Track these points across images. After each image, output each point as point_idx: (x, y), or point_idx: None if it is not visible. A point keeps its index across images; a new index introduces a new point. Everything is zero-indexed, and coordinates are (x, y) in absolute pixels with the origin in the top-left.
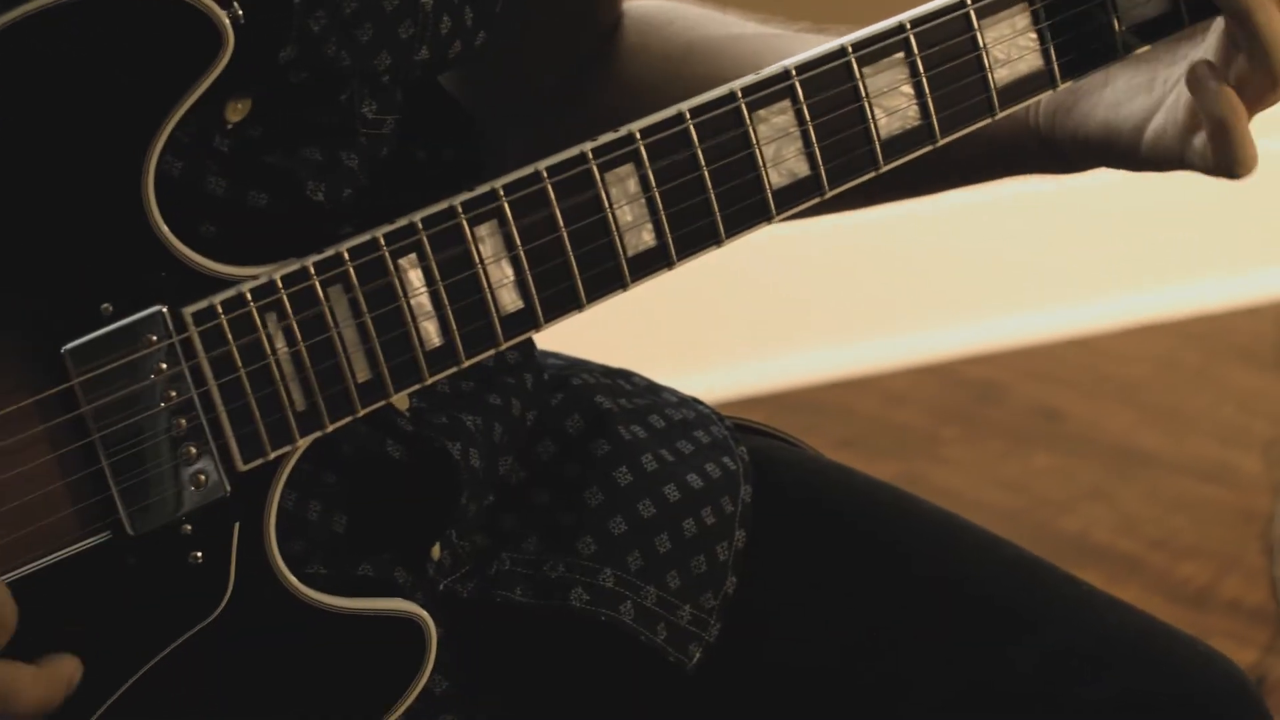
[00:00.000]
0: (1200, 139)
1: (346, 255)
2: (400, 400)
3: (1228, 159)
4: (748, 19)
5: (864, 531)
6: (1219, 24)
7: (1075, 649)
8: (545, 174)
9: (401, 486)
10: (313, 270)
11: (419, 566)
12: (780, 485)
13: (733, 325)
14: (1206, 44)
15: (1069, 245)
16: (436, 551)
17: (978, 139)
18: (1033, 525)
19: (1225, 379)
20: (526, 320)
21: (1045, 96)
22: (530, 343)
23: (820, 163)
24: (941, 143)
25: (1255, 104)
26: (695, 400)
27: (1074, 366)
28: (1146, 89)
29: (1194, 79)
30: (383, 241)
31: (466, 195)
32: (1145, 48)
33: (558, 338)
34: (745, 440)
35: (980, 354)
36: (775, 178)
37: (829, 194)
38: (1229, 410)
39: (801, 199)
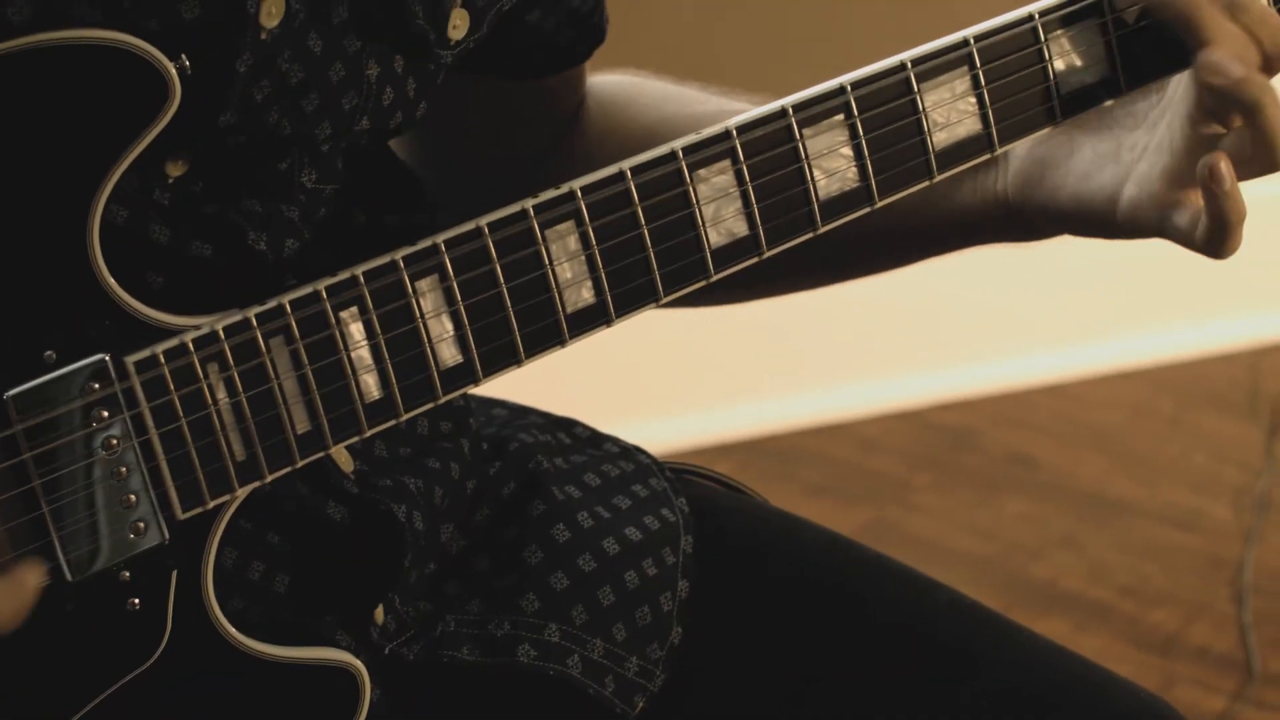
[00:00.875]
0: (1183, 216)
1: (288, 307)
2: (345, 462)
3: (1221, 248)
4: (709, 93)
5: (807, 578)
6: (1181, 85)
7: (1020, 691)
8: (487, 230)
9: (344, 549)
10: (254, 321)
11: (362, 630)
12: (723, 533)
13: (709, 371)
14: (1175, 109)
15: (1044, 292)
16: (380, 615)
17: (944, 209)
18: (1003, 572)
19: (1198, 426)
20: (465, 375)
21: (1012, 168)
22: (465, 411)
23: (759, 223)
24: (880, 204)
25: (1244, 176)
26: (638, 450)
27: (1048, 413)
28: (1114, 158)
29: (1214, 176)
30: (324, 294)
31: (408, 250)
32: (1083, 114)
33: (532, 378)
34: (690, 489)
35: (955, 400)
36: (714, 237)
37: (767, 254)
38: (1201, 458)
39: (740, 258)
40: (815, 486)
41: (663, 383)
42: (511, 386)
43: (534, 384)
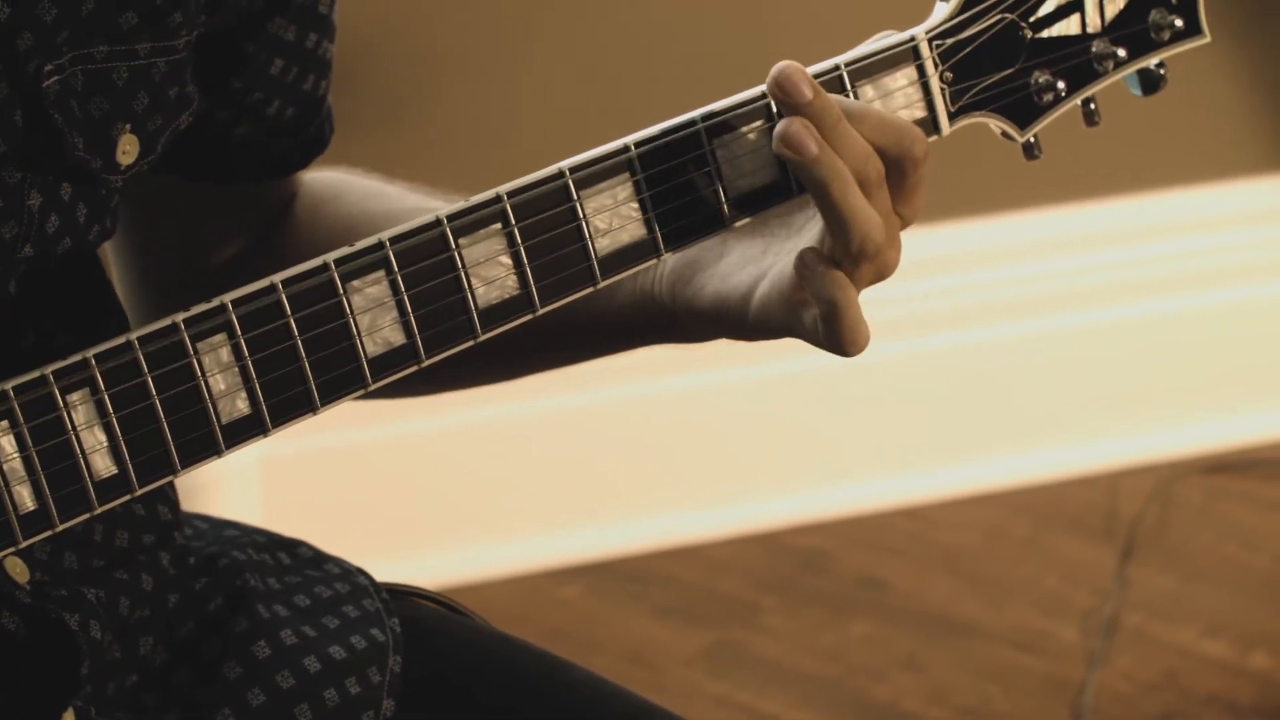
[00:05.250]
0: (811, 314)
1: None
2: (20, 573)
3: (839, 339)
4: (411, 192)
5: (516, 699)
6: None
7: None
8: (137, 344)
9: (23, 659)
10: None
11: None
12: (437, 654)
13: (560, 492)
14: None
15: (902, 415)
16: None
17: (606, 309)
18: (845, 694)
19: (1052, 549)
20: (120, 485)
21: (666, 268)
22: (170, 525)
23: (416, 332)
24: (542, 311)
25: (858, 280)
26: (358, 571)
27: (902, 535)
28: (757, 260)
29: (800, 264)
30: None
31: (59, 364)
32: (750, 218)
33: (377, 496)
34: (408, 610)
35: (808, 523)
36: (371, 347)
37: (426, 362)
38: (1052, 580)
39: (399, 367)
40: (663, 608)
41: (510, 504)
42: (375, 499)
43: (381, 501)
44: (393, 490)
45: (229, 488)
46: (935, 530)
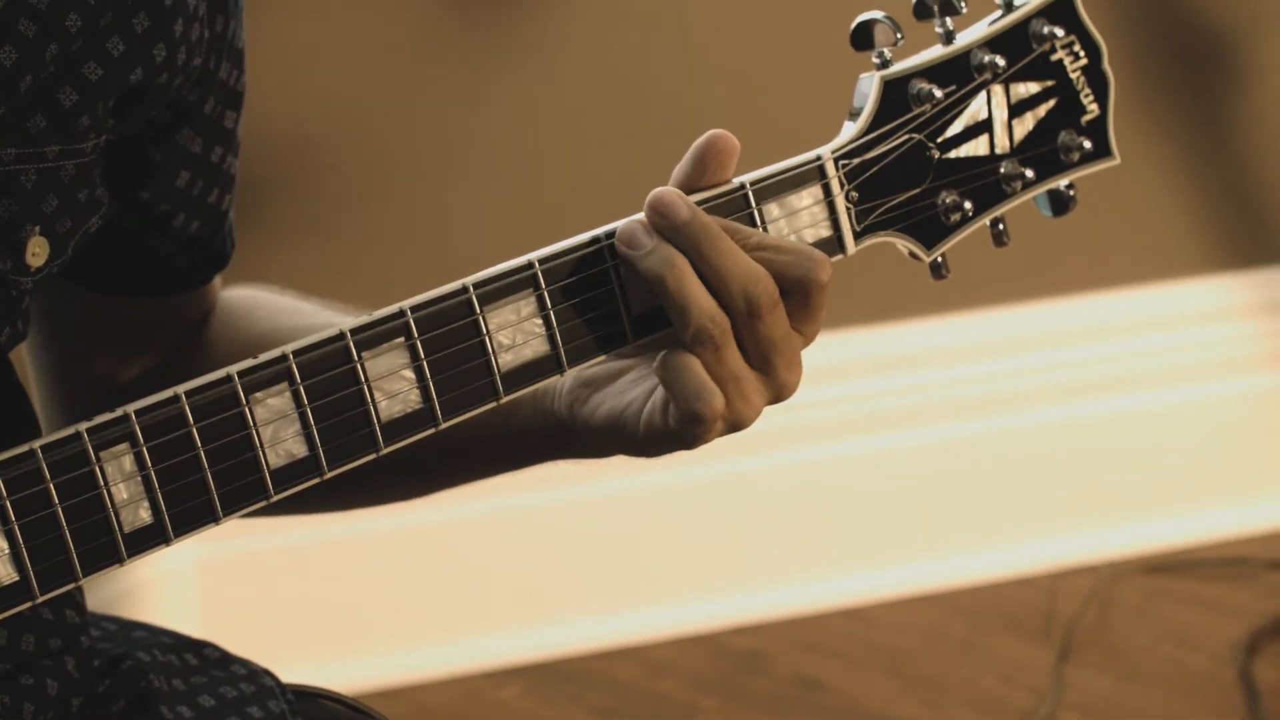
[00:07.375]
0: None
1: None
2: None
3: (683, 403)
4: (324, 308)
5: None
6: None
7: None
8: (40, 452)
9: None
10: None
11: None
12: None
13: (495, 593)
14: None
15: (838, 516)
16: None
17: (510, 426)
18: None
19: (991, 649)
20: (21, 593)
21: (565, 385)
22: (78, 629)
23: (319, 444)
24: (444, 425)
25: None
26: (264, 672)
27: (841, 637)
28: (651, 376)
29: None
30: None
31: None
32: (655, 335)
33: (288, 599)
34: (314, 711)
35: (747, 624)
36: (273, 458)
37: (329, 474)
38: (990, 681)
39: (301, 479)
40: (602, 709)
41: (449, 605)
42: (313, 601)
43: (320, 603)
44: (331, 592)
45: (165, 589)
46: (874, 631)
